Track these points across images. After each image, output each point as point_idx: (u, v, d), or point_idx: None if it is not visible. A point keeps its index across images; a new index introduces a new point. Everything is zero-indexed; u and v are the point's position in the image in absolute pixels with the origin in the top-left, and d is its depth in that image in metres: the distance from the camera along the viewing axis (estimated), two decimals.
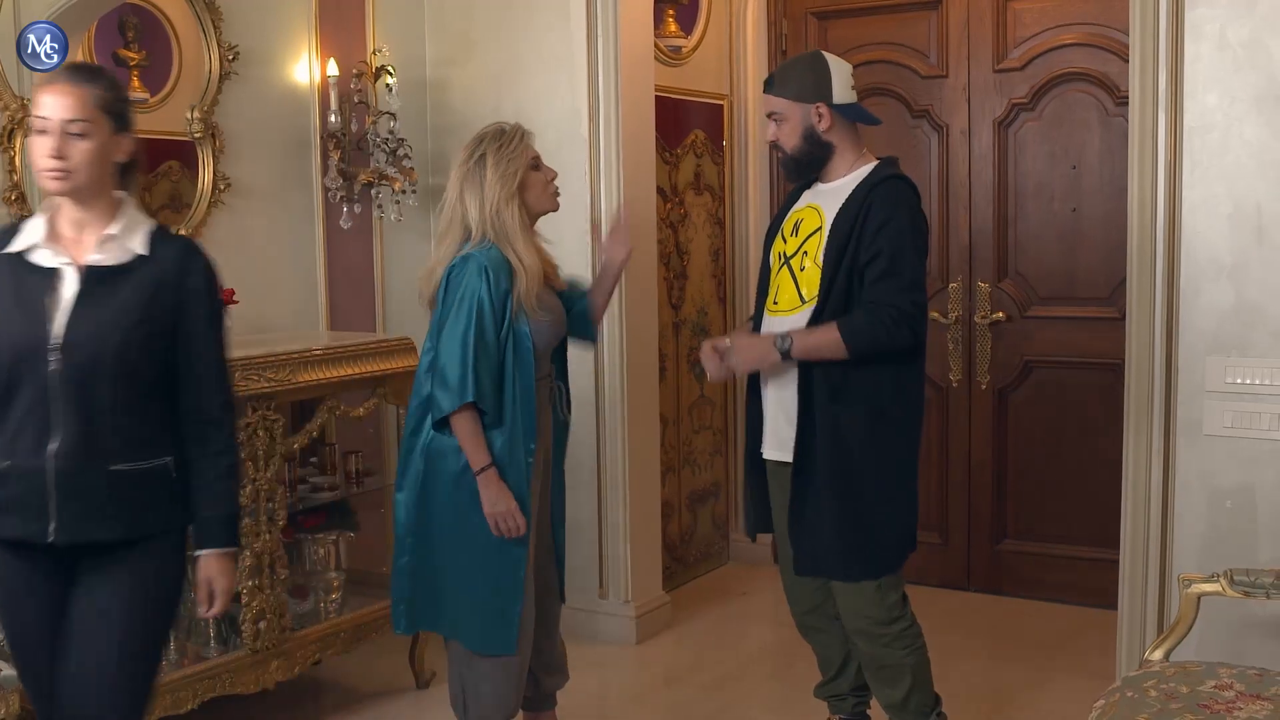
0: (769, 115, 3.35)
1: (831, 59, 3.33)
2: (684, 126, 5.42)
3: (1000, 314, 5.21)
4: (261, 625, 3.81)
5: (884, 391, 3.23)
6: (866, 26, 5.42)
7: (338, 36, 4.65)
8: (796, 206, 3.42)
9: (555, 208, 3.45)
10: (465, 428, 3.23)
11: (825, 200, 3.31)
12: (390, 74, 4.63)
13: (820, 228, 3.27)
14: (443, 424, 3.27)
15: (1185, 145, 3.65)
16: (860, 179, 3.28)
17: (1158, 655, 3.12)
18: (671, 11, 5.32)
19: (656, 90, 4.95)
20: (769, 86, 3.34)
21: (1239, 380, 3.61)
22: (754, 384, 3.47)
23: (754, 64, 5.61)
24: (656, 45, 5.07)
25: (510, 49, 4.81)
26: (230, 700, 3.83)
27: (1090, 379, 5.02)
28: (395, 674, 4.41)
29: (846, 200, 3.24)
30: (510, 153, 3.31)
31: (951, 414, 5.35)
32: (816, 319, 3.22)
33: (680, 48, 5.37)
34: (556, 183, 3.44)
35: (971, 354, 5.28)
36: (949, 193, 5.28)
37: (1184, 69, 3.63)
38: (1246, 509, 3.62)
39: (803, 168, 3.36)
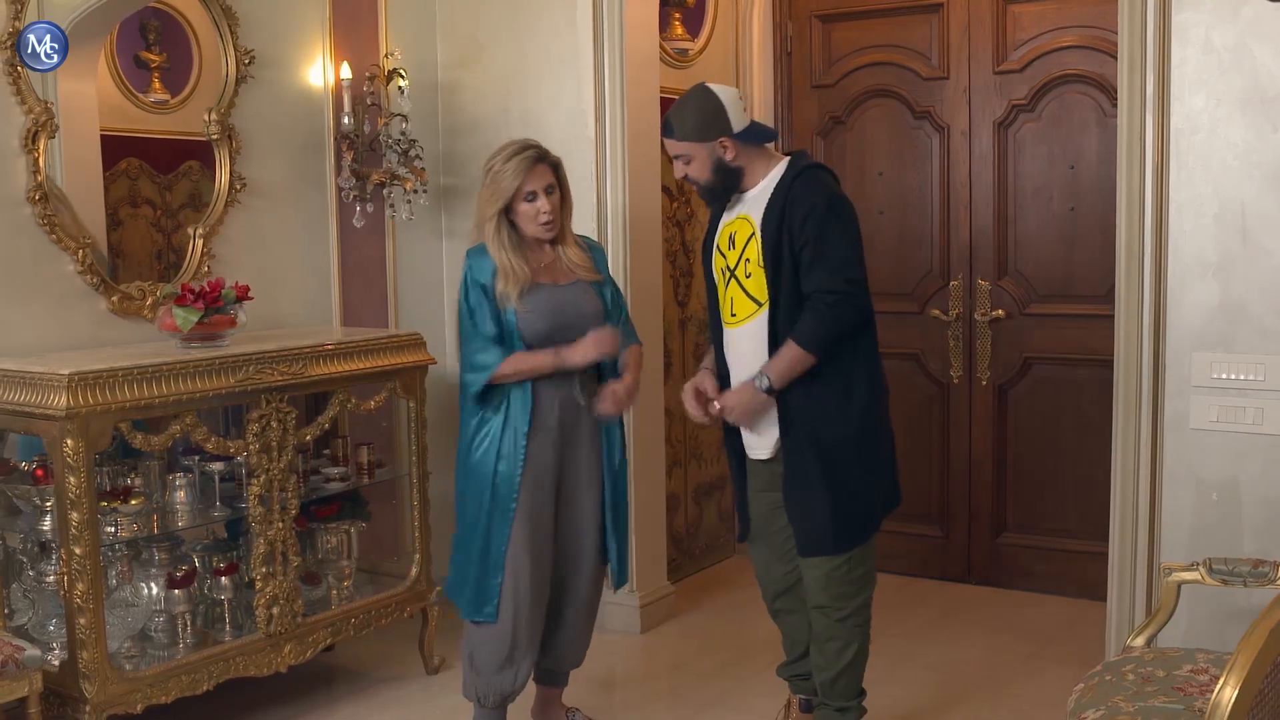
0: (675, 156, 3.45)
1: (720, 90, 3.41)
2: None
3: (1000, 311, 5.30)
4: (275, 610, 3.93)
5: (849, 367, 3.40)
6: (869, 29, 5.52)
7: (351, 41, 4.77)
8: (726, 219, 3.54)
9: (545, 236, 3.63)
10: (508, 371, 3.53)
11: (751, 208, 3.45)
12: (402, 77, 4.74)
13: (754, 233, 3.41)
14: (482, 397, 3.56)
15: (1172, 147, 3.74)
16: (778, 178, 3.41)
17: (1139, 641, 3.21)
18: (678, 15, 5.42)
19: (663, 92, 5.04)
20: (669, 132, 3.43)
21: (1224, 375, 3.71)
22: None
23: (760, 66, 5.70)
24: (663, 48, 5.18)
25: (518, 52, 4.92)
26: (245, 683, 3.95)
27: (1088, 375, 5.10)
28: (405, 660, 4.54)
29: (769, 199, 3.39)
30: (505, 174, 3.55)
31: (952, 409, 5.44)
32: (773, 318, 3.37)
33: (687, 50, 5.47)
34: (547, 214, 3.59)
35: (972, 350, 5.37)
36: (950, 192, 5.37)
37: (1171, 72, 3.72)
38: (1231, 501, 3.72)
39: (720, 194, 3.49)
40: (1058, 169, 5.16)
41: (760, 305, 3.41)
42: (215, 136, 4.33)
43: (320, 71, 4.68)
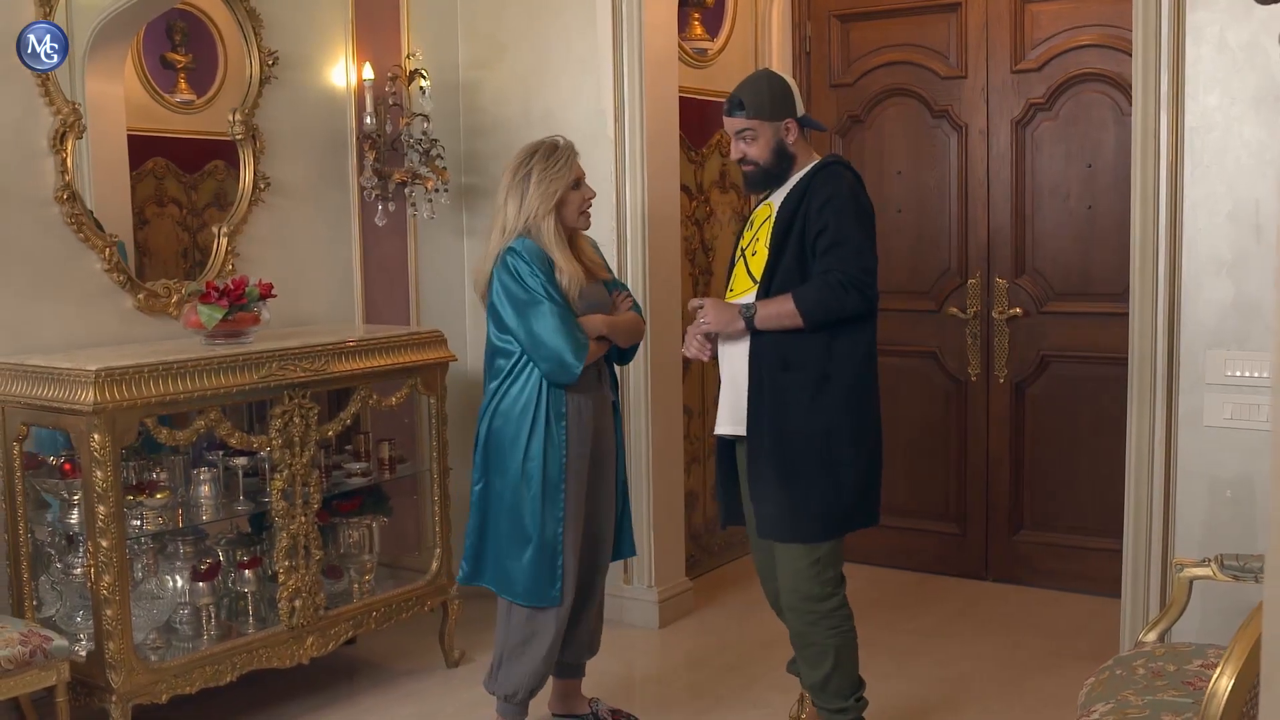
0: (739, 133, 3.49)
1: (785, 76, 3.57)
2: (709, 126, 5.55)
3: (1017, 309, 5.31)
4: (297, 603, 3.98)
5: (830, 359, 3.36)
6: (888, 28, 5.54)
7: (373, 41, 4.83)
8: (757, 209, 3.61)
9: (586, 227, 3.76)
10: (595, 353, 3.64)
11: (777, 196, 3.50)
12: (424, 77, 4.80)
13: (770, 217, 3.46)
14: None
15: (1187, 145, 3.76)
16: (805, 171, 3.47)
17: (1151, 637, 3.23)
18: (697, 15, 5.46)
19: (682, 91, 5.09)
20: (737, 108, 3.47)
21: (1238, 373, 3.72)
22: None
23: (778, 66, 5.71)
24: (682, 48, 5.21)
25: (539, 52, 4.97)
26: (268, 674, 4.02)
27: (1105, 373, 5.09)
28: (426, 654, 4.59)
29: (792, 188, 3.45)
30: (554, 172, 3.64)
31: (970, 407, 5.46)
32: (763, 296, 3.40)
33: (706, 50, 5.50)
34: (592, 201, 3.74)
35: (990, 348, 5.39)
36: (968, 191, 5.39)
37: (1185, 70, 3.74)
38: (1245, 498, 3.73)
39: (770, 179, 3.52)
40: (1075, 167, 5.17)
41: (755, 283, 3.45)
42: (240, 136, 4.40)
43: (343, 72, 4.74)
